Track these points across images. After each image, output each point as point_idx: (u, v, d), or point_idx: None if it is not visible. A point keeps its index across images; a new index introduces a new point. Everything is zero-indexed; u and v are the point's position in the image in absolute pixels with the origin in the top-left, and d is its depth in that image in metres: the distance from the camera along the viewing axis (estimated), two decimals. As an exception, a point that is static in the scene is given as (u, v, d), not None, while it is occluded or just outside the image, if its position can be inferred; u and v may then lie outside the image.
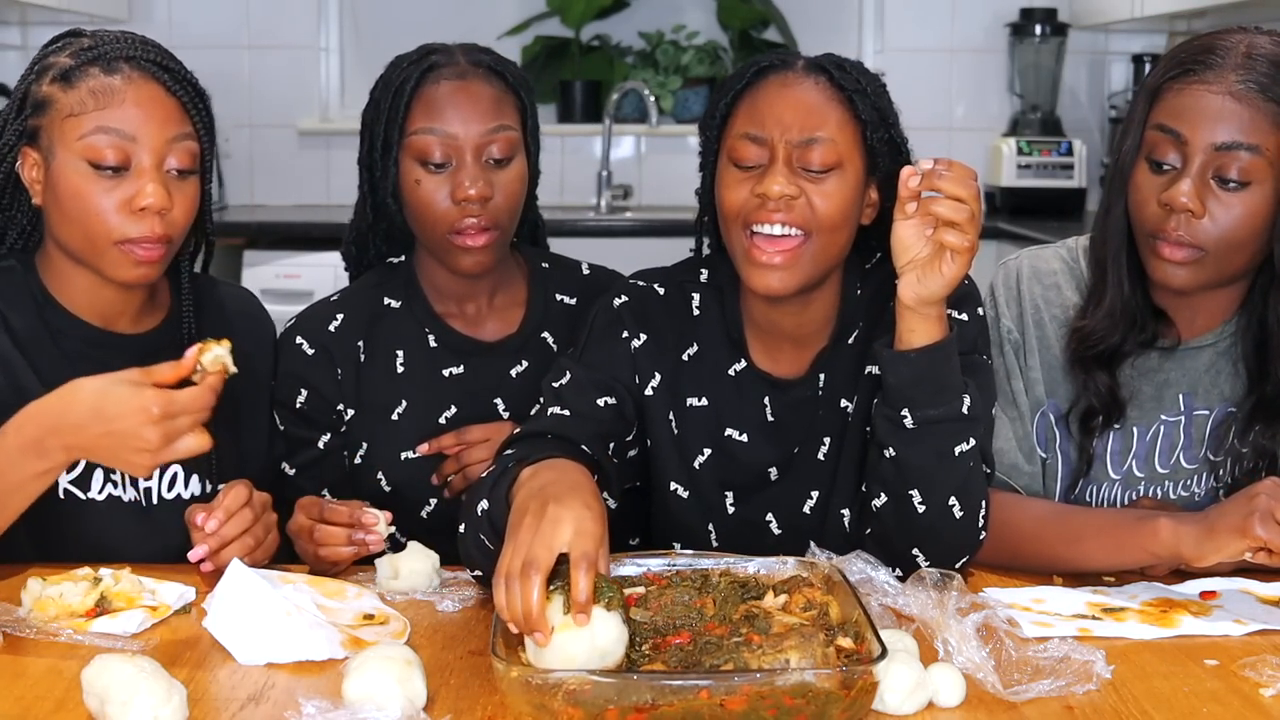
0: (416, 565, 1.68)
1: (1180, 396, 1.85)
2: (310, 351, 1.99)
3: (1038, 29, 4.87)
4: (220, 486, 1.79)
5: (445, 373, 2.02)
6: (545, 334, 2.04)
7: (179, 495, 1.80)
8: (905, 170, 1.60)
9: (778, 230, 1.69)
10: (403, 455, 2.00)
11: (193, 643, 1.49)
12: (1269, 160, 1.69)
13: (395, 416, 2.00)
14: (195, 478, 1.81)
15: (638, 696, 1.24)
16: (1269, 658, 1.45)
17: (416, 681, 1.31)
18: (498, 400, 2.02)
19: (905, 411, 1.63)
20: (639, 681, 1.26)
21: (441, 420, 2.00)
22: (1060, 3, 4.89)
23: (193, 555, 1.64)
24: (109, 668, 1.28)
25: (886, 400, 1.65)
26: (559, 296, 2.07)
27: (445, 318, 2.03)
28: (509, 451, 1.64)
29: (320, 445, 1.99)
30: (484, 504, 1.55)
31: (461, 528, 1.60)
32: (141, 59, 1.72)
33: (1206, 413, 1.85)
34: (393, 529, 1.75)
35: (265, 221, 4.61)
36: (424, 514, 1.98)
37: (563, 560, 1.34)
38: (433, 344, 2.02)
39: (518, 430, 1.73)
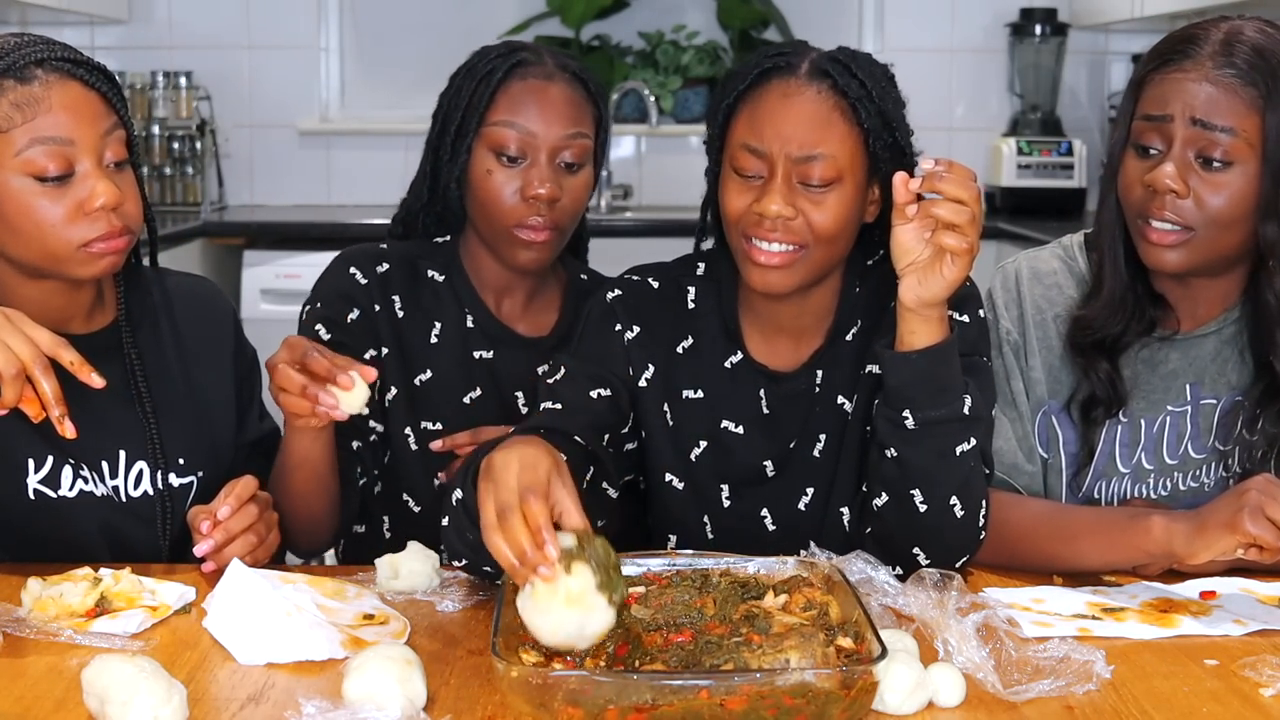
0: (416, 565, 1.67)
1: (1187, 387, 1.85)
2: (364, 281, 1.99)
3: (1038, 29, 4.87)
4: (193, 476, 1.80)
5: (476, 355, 2.03)
6: None
7: (145, 492, 1.77)
8: (898, 177, 1.60)
9: (775, 247, 1.70)
10: (421, 424, 2.00)
11: (193, 643, 1.49)
12: (1247, 141, 1.71)
13: (418, 382, 2.01)
14: (159, 472, 1.78)
15: (638, 696, 1.24)
16: (1269, 658, 1.44)
17: (416, 681, 1.31)
18: (519, 394, 2.03)
19: (906, 412, 1.63)
20: (639, 681, 1.26)
21: (466, 400, 2.02)
22: (1060, 3, 4.89)
23: (199, 549, 1.64)
24: (109, 668, 1.28)
25: (888, 401, 1.65)
26: None
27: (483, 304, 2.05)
28: None
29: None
30: (458, 494, 1.55)
31: (445, 520, 1.60)
32: (51, 59, 1.65)
33: (1214, 402, 1.85)
34: (365, 410, 1.68)
35: (265, 221, 4.62)
36: (435, 485, 1.99)
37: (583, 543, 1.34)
38: (469, 324, 2.03)
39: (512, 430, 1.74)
